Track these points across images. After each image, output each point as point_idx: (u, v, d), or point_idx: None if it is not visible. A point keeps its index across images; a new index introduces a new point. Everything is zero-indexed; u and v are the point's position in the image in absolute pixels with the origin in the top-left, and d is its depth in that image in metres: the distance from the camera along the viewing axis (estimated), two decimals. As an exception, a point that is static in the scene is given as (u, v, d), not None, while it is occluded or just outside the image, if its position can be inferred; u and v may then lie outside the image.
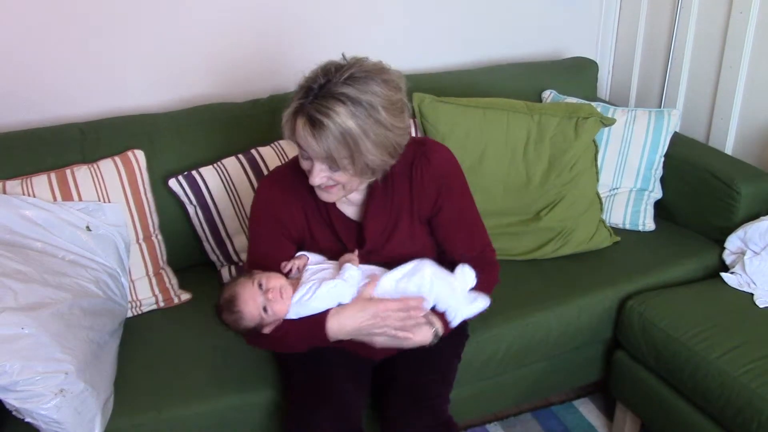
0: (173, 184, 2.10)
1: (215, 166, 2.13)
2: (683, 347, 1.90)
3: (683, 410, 1.95)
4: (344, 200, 1.65)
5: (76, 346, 1.58)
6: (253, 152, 2.16)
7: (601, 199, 2.33)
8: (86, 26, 2.18)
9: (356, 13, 2.52)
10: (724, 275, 2.12)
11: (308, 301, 1.54)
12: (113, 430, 1.63)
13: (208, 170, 2.11)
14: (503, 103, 2.29)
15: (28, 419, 1.52)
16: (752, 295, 2.04)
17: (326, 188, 1.54)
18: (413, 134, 2.30)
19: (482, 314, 1.97)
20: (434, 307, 1.60)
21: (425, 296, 1.57)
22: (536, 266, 2.21)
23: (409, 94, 2.25)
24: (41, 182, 1.93)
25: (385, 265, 1.65)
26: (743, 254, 2.14)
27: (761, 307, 1.99)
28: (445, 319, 1.60)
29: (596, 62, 2.81)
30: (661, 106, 2.78)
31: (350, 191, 1.58)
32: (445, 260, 1.68)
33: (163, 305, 2.05)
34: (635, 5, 2.82)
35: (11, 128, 2.11)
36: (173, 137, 2.16)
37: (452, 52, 2.73)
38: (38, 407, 1.49)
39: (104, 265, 1.88)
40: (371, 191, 1.64)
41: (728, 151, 2.54)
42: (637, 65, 2.88)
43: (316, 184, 1.51)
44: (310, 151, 1.45)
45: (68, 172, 1.97)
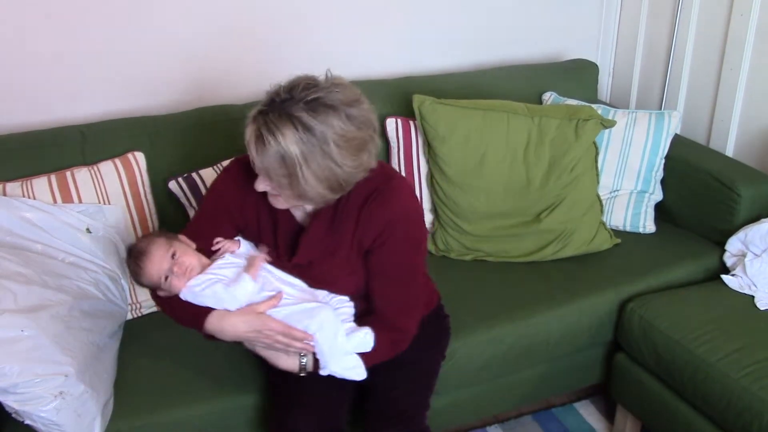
0: (173, 186, 2.09)
1: (215, 168, 2.12)
2: (684, 350, 1.90)
3: (684, 413, 1.94)
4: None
5: (75, 348, 1.58)
6: (253, 154, 2.16)
7: (601, 201, 2.33)
8: (86, 28, 2.18)
9: (357, 14, 2.52)
10: (724, 277, 2.12)
11: (198, 293, 1.56)
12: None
13: (207, 172, 2.11)
14: (503, 105, 2.28)
15: (27, 421, 1.52)
16: (753, 297, 2.04)
17: (270, 195, 1.54)
18: (417, 140, 2.30)
19: (482, 316, 1.98)
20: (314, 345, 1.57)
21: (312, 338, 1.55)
22: (536, 268, 2.20)
23: (409, 96, 2.28)
24: (41, 184, 1.93)
25: (315, 286, 1.63)
26: (744, 256, 2.14)
27: (762, 309, 1.99)
28: (316, 360, 1.58)
29: (597, 64, 2.81)
30: (661, 108, 2.78)
31: (293, 206, 1.57)
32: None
33: (163, 307, 2.04)
34: (636, 7, 2.82)
35: (11, 130, 2.11)
36: (173, 139, 2.16)
37: (453, 54, 2.73)
38: (38, 409, 1.49)
39: (104, 267, 1.88)
40: (323, 206, 1.59)
41: (729, 153, 2.54)
42: (637, 67, 2.88)
43: (259, 190, 1.51)
44: (253, 160, 1.45)
45: (68, 174, 1.97)
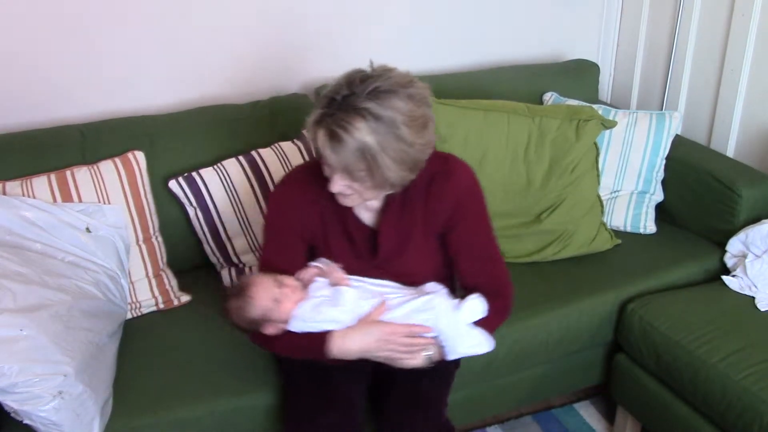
0: (173, 185, 2.09)
1: (215, 167, 2.12)
2: (684, 350, 1.89)
3: (684, 414, 1.94)
4: (362, 205, 1.64)
5: (75, 347, 1.58)
6: (253, 154, 2.16)
7: (602, 201, 2.32)
8: (87, 28, 2.18)
9: (357, 15, 2.52)
10: (725, 278, 2.12)
11: (310, 321, 1.55)
12: (112, 432, 1.63)
13: (208, 172, 2.11)
14: (504, 105, 2.28)
15: (26, 421, 1.52)
16: (753, 298, 2.03)
17: (341, 196, 1.54)
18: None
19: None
20: (435, 336, 1.60)
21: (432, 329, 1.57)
22: (537, 269, 2.20)
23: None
24: (41, 183, 1.92)
25: (395, 278, 1.64)
26: (744, 257, 2.13)
27: (762, 310, 1.99)
28: (441, 348, 1.60)
29: (597, 64, 2.80)
30: (662, 108, 2.78)
31: (368, 200, 1.58)
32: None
33: (162, 307, 2.04)
34: (637, 7, 2.82)
35: (11, 129, 2.11)
36: (173, 139, 2.16)
37: (453, 53, 2.73)
38: (37, 409, 1.48)
39: (104, 266, 1.88)
40: (389, 200, 1.63)
41: (730, 153, 2.54)
42: (638, 67, 2.87)
43: (335, 191, 1.51)
44: (329, 161, 1.45)
45: (68, 173, 1.97)
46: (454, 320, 1.58)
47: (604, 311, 2.10)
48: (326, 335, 1.55)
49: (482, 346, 1.62)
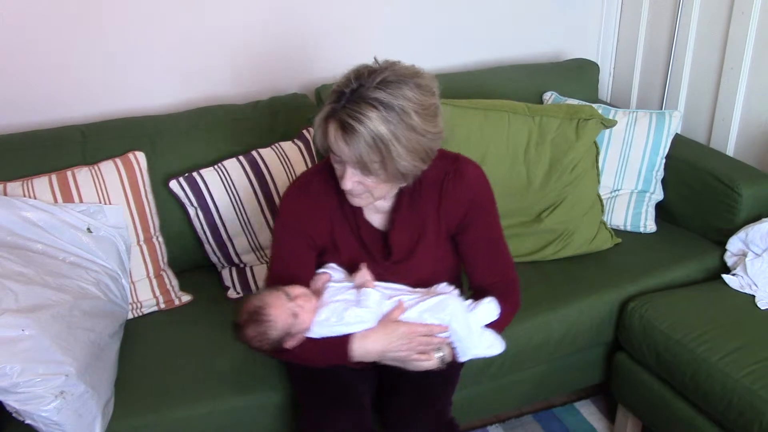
0: (174, 185, 2.10)
1: (216, 167, 2.13)
2: (684, 349, 1.90)
3: (684, 412, 1.94)
4: (371, 208, 1.63)
5: (76, 347, 1.58)
6: (253, 154, 2.16)
7: (602, 200, 2.33)
8: (88, 28, 2.18)
9: (358, 15, 2.52)
10: (725, 277, 2.12)
11: (334, 324, 1.54)
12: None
13: (208, 172, 2.12)
14: (504, 104, 2.28)
15: (28, 421, 1.52)
16: (754, 297, 2.03)
17: (353, 196, 1.53)
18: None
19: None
20: (447, 337, 1.59)
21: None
22: (537, 268, 2.20)
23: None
24: (42, 184, 1.93)
25: (408, 278, 1.64)
26: (744, 256, 2.13)
27: (763, 308, 1.99)
28: (453, 350, 1.60)
29: (597, 64, 2.81)
30: (662, 107, 2.78)
31: (379, 197, 1.56)
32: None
33: (163, 307, 2.05)
34: (636, 6, 2.82)
35: (12, 130, 2.12)
36: (174, 139, 2.16)
37: (453, 53, 2.73)
38: (38, 409, 1.49)
39: (105, 266, 1.88)
40: (398, 201, 1.62)
41: (729, 152, 2.54)
42: (638, 67, 2.87)
43: (347, 188, 1.50)
44: (342, 155, 1.44)
45: (69, 173, 1.97)
46: (467, 322, 1.58)
47: (604, 310, 2.11)
48: (347, 338, 1.54)
49: (494, 347, 1.62)
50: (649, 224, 2.39)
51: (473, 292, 1.68)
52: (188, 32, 2.31)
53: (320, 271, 1.65)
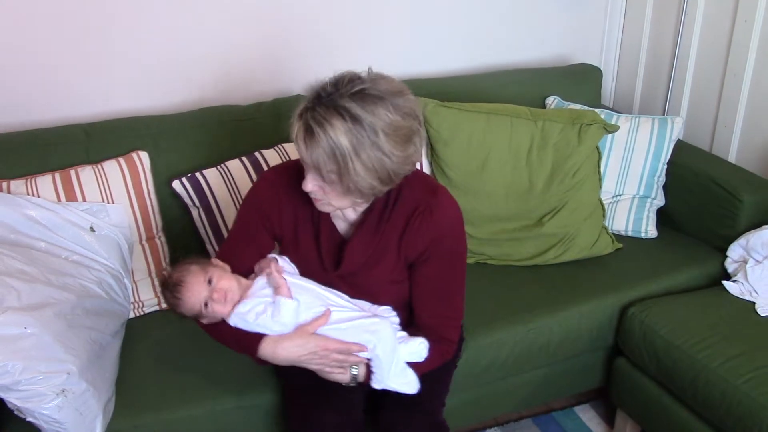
0: (177, 185, 2.10)
1: (219, 168, 2.13)
2: (684, 355, 1.90)
3: (684, 418, 1.94)
4: (339, 214, 1.62)
5: (78, 346, 1.58)
6: (256, 155, 2.17)
7: (603, 205, 2.33)
8: (91, 26, 2.19)
9: (361, 17, 2.53)
10: (726, 283, 2.12)
11: (251, 322, 1.54)
12: (114, 430, 1.64)
13: (211, 172, 2.12)
14: (507, 108, 2.29)
15: (29, 419, 1.52)
16: (754, 303, 2.04)
17: (316, 200, 1.53)
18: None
19: (484, 319, 1.99)
20: (369, 360, 1.57)
21: (368, 351, 1.55)
22: (538, 272, 2.21)
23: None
24: (45, 182, 1.93)
25: (352, 295, 1.63)
26: (745, 263, 2.14)
27: (763, 315, 1.99)
28: (369, 371, 1.58)
29: (600, 69, 2.81)
30: (664, 113, 2.78)
31: (340, 208, 1.54)
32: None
33: (165, 306, 2.04)
34: (640, 12, 2.83)
35: (16, 128, 2.12)
36: (177, 139, 2.17)
37: (456, 57, 2.73)
38: (40, 407, 1.49)
39: (107, 265, 1.89)
40: (366, 216, 1.60)
41: (731, 159, 2.54)
42: (641, 72, 2.88)
43: (307, 190, 1.49)
44: (302, 157, 1.44)
45: (72, 172, 1.98)
46: (392, 353, 1.55)
47: (604, 315, 2.11)
48: (260, 337, 1.54)
49: (410, 386, 1.58)
50: (650, 230, 2.40)
51: (412, 328, 1.64)
52: (193, 32, 2.31)
53: (272, 256, 1.65)
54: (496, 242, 2.25)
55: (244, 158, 2.16)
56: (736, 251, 2.20)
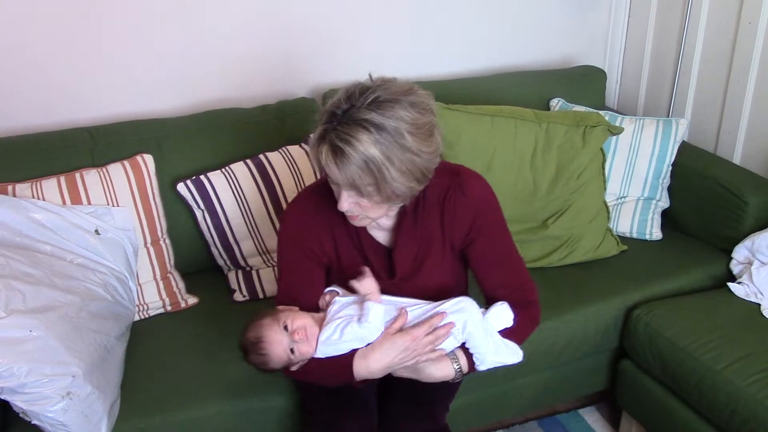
0: (181, 188, 2.10)
1: (223, 171, 2.14)
2: (689, 357, 1.89)
3: (689, 420, 1.94)
4: (374, 225, 1.60)
5: (83, 349, 1.59)
6: (261, 158, 2.17)
7: (608, 207, 2.33)
8: (96, 29, 2.19)
9: (364, 21, 2.53)
10: (731, 285, 2.11)
11: (336, 342, 1.51)
12: (119, 433, 1.64)
13: (216, 175, 2.12)
14: (511, 110, 2.29)
15: (34, 421, 1.53)
16: (759, 305, 2.03)
17: (351, 217, 1.51)
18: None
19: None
20: (464, 344, 1.56)
21: (455, 336, 1.54)
22: (543, 274, 2.20)
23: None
24: (51, 185, 1.94)
25: (414, 295, 1.62)
26: (750, 264, 2.13)
27: (768, 317, 1.99)
28: (471, 359, 1.57)
29: (604, 71, 2.81)
30: (669, 115, 2.78)
31: (376, 218, 1.53)
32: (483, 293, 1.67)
33: (170, 309, 2.05)
34: (644, 14, 2.82)
35: (21, 131, 2.13)
36: (182, 142, 2.17)
37: (460, 59, 2.73)
38: (45, 410, 1.49)
39: (112, 268, 1.89)
40: (401, 218, 1.60)
41: (736, 160, 2.53)
42: (645, 74, 2.88)
43: (343, 209, 1.47)
44: (335, 178, 1.42)
45: (77, 175, 1.98)
46: (484, 326, 1.55)
47: (609, 317, 2.11)
48: (350, 361, 1.51)
49: (514, 355, 1.58)
50: (655, 231, 2.39)
51: (488, 305, 1.63)
52: (197, 35, 2.32)
53: (328, 289, 1.63)
54: (500, 244, 2.25)
55: (248, 161, 2.16)
56: (741, 253, 2.19)
